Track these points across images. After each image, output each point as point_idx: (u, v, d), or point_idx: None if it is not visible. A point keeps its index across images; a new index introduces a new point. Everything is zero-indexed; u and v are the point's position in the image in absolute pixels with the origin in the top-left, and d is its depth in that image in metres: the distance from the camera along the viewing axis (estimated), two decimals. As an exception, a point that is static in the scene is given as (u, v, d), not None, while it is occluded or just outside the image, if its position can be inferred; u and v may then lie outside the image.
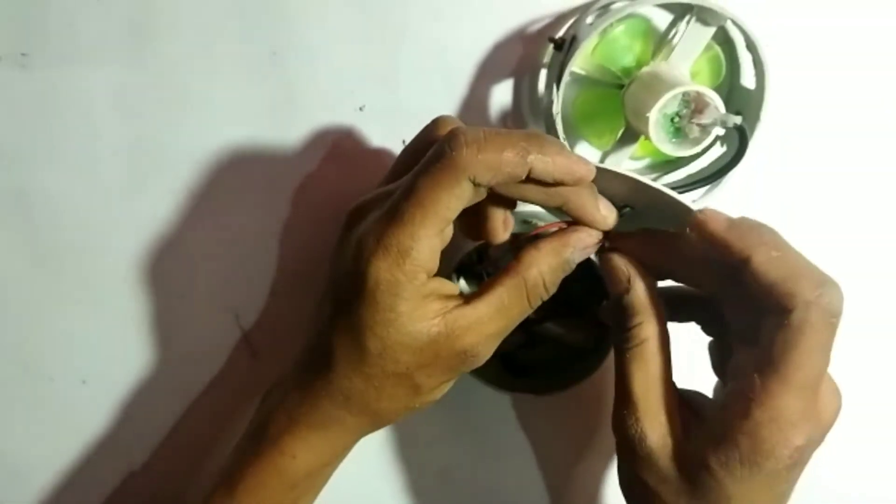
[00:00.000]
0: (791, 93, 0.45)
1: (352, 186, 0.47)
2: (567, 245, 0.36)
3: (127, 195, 0.47)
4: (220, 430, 0.49)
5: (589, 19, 0.42)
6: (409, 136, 0.46)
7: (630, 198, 0.37)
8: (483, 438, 0.49)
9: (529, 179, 0.34)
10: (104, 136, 0.46)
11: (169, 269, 0.48)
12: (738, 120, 0.40)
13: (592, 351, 0.44)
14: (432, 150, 0.34)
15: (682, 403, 0.37)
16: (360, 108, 0.46)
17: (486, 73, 0.46)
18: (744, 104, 0.44)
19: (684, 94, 0.40)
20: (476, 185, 0.33)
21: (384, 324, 0.34)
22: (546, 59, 0.45)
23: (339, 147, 0.47)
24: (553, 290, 0.36)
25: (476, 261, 0.43)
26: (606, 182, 0.36)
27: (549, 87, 0.43)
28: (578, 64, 0.43)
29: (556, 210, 0.36)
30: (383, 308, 0.34)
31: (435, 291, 0.35)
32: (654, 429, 0.36)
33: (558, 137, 0.43)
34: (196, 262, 0.48)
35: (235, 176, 0.47)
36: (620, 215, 0.37)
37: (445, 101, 0.46)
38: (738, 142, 0.41)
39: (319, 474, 0.39)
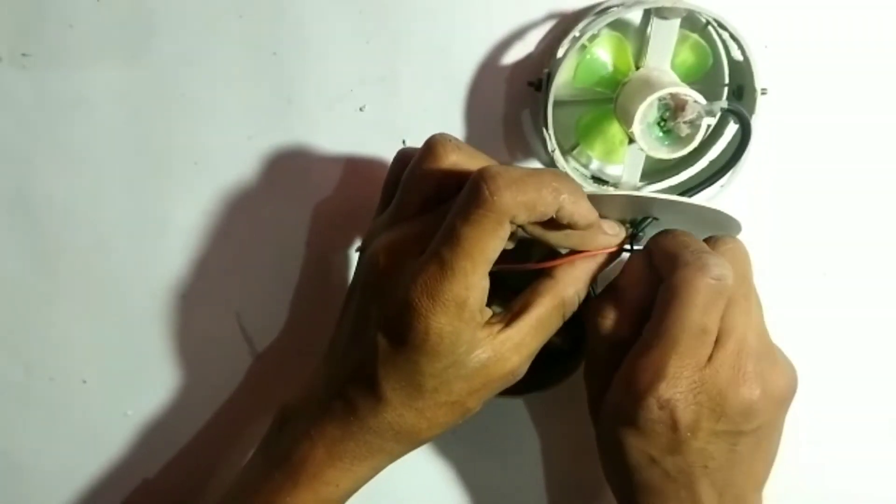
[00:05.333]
0: (790, 60, 0.45)
1: (352, 186, 0.47)
2: (599, 264, 0.38)
3: (127, 195, 0.47)
4: (220, 430, 0.49)
5: (559, 52, 0.42)
6: (409, 137, 0.46)
7: (646, 209, 0.38)
8: (483, 439, 0.49)
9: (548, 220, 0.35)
10: (104, 136, 0.46)
11: (170, 269, 0.48)
12: (723, 104, 0.39)
13: (570, 352, 0.44)
14: (467, 192, 0.34)
15: None
16: (361, 109, 0.46)
17: (488, 73, 0.46)
18: (742, 77, 0.43)
19: (660, 98, 0.40)
20: (512, 223, 0.34)
21: (444, 367, 0.35)
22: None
23: (339, 147, 0.46)
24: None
25: None
26: (614, 204, 0.38)
27: (538, 127, 0.44)
28: (566, 91, 0.43)
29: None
30: (444, 355, 0.35)
31: (482, 322, 0.36)
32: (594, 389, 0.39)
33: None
34: (196, 261, 0.48)
35: (235, 176, 0.47)
36: (643, 227, 0.39)
37: (446, 102, 0.46)
38: (740, 124, 0.41)
39: (356, 491, 0.39)
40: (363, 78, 0.46)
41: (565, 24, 0.44)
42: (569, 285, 0.37)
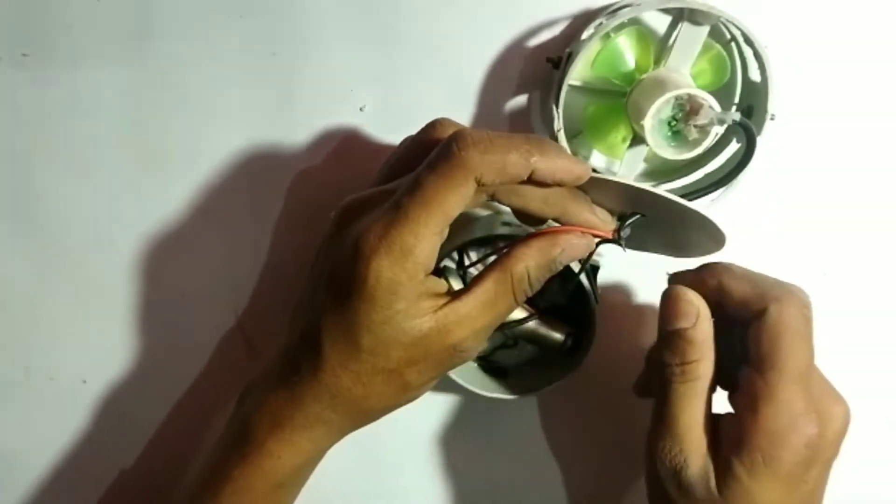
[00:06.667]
0: (804, 85, 0.45)
1: (352, 186, 0.46)
2: (556, 244, 0.36)
3: (127, 195, 0.47)
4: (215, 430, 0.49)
5: (584, 34, 0.42)
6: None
7: (636, 204, 0.38)
8: (484, 438, 0.49)
9: (530, 181, 0.34)
10: (104, 135, 0.46)
11: (169, 268, 0.48)
12: (735, 116, 0.39)
13: (569, 352, 0.44)
14: (438, 148, 0.34)
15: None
16: (361, 109, 0.46)
17: (489, 74, 0.46)
18: (754, 98, 0.43)
19: (677, 97, 0.40)
20: (480, 185, 0.33)
21: (379, 321, 0.34)
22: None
23: (340, 147, 0.47)
24: (537, 287, 0.37)
25: (458, 261, 0.43)
26: (606, 191, 0.37)
27: (549, 105, 0.44)
28: (581, 77, 0.43)
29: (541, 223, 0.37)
30: (380, 306, 0.34)
31: (429, 289, 0.35)
32: (696, 461, 0.37)
33: None
34: (196, 261, 0.48)
35: (236, 176, 0.47)
36: (630, 222, 0.38)
37: (446, 102, 0.46)
38: (746, 138, 0.41)
39: (304, 472, 0.39)
40: (363, 78, 0.46)
41: (584, 17, 0.45)
42: (518, 261, 0.36)
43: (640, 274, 0.47)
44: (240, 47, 0.45)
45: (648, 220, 0.38)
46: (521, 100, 0.46)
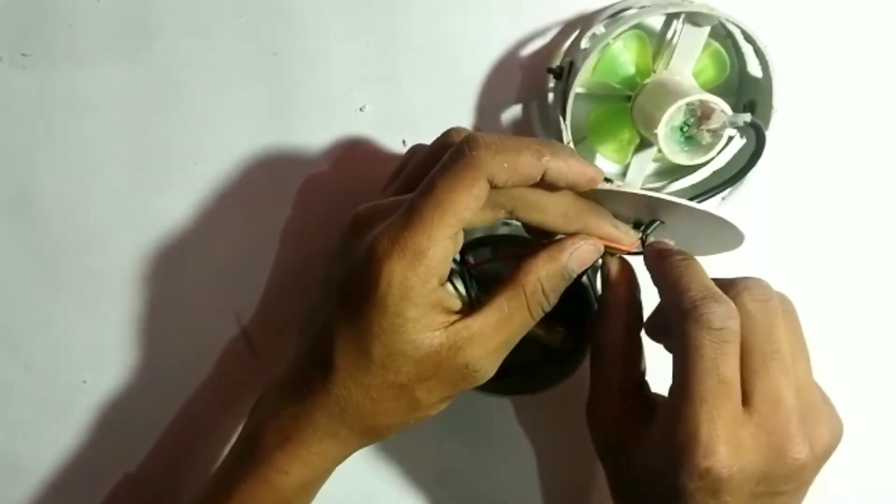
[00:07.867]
0: (805, 80, 0.45)
1: (352, 186, 0.47)
2: (563, 249, 0.36)
3: (127, 195, 0.47)
4: (222, 431, 0.49)
5: (583, 43, 0.42)
6: (409, 137, 0.46)
7: (652, 212, 0.38)
8: (482, 438, 0.49)
9: (542, 185, 0.34)
10: (104, 136, 0.46)
11: (170, 268, 0.48)
12: (747, 118, 0.39)
13: (570, 352, 0.44)
14: (450, 151, 0.34)
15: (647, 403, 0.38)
16: (361, 109, 0.46)
17: (489, 74, 0.46)
18: (756, 93, 0.43)
19: (688, 103, 0.40)
20: (493, 186, 0.33)
21: (390, 329, 0.34)
22: (551, 84, 0.45)
23: (340, 147, 0.47)
24: (553, 299, 0.36)
25: (459, 262, 0.43)
26: (621, 202, 0.37)
27: (555, 117, 0.43)
28: (582, 85, 0.43)
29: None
30: (392, 312, 0.33)
31: (441, 302, 0.35)
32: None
33: None
34: (197, 261, 0.48)
35: (236, 176, 0.47)
36: (651, 230, 0.38)
37: (446, 101, 0.46)
38: (755, 138, 0.41)
39: (311, 488, 0.39)
40: (363, 78, 0.46)
41: (579, 23, 0.45)
42: (528, 272, 0.35)
43: (639, 274, 0.47)
44: (240, 47, 0.45)
45: (667, 226, 0.38)
46: (521, 96, 0.46)
